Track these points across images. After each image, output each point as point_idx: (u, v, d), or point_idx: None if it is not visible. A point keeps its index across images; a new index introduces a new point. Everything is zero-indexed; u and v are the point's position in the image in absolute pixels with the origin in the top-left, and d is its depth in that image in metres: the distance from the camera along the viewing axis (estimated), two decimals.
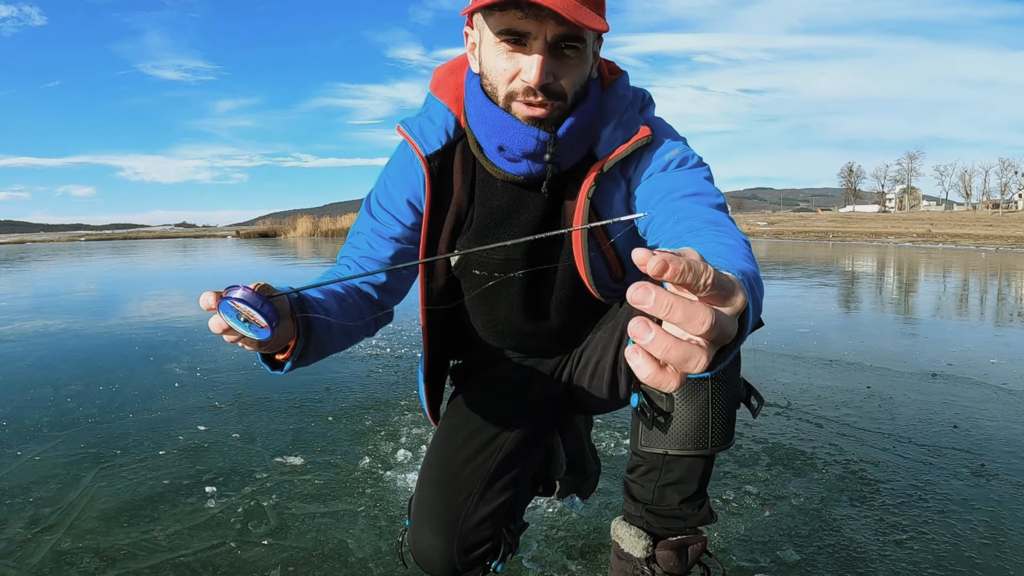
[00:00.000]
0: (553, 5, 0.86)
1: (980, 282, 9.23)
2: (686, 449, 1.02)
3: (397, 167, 1.15)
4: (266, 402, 2.92)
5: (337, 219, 41.52)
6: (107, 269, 13.41)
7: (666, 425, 1.02)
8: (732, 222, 0.88)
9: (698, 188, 0.98)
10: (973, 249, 20.45)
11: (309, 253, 18.69)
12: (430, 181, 1.08)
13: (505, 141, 1.00)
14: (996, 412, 2.70)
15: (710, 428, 1.01)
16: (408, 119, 1.12)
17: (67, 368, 3.69)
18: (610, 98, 1.06)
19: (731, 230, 0.84)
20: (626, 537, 1.12)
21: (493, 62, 0.96)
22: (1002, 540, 1.61)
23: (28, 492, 1.95)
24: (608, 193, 1.07)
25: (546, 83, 0.94)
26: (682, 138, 1.08)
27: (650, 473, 1.09)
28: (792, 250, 19.94)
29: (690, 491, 1.08)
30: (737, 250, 0.74)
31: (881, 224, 42.66)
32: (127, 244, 34.03)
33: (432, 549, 1.11)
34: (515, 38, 0.92)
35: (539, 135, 0.98)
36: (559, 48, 0.93)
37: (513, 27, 0.91)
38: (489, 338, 1.22)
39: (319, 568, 1.51)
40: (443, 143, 1.08)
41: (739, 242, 0.78)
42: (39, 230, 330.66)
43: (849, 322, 5.48)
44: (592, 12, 0.91)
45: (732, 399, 1.04)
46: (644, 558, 1.11)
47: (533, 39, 0.92)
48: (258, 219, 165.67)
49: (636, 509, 1.12)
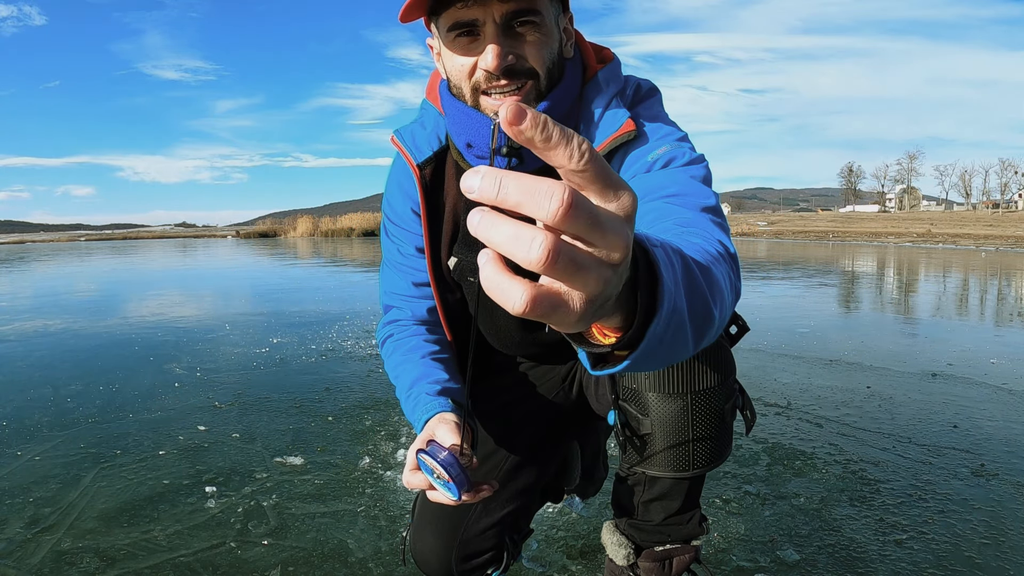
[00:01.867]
0: None
1: (980, 282, 9.23)
2: (665, 471, 0.96)
3: (395, 179, 1.14)
4: (266, 402, 2.92)
5: (337, 219, 41.50)
6: (107, 269, 13.41)
7: (646, 445, 0.96)
8: (715, 225, 0.73)
9: (680, 189, 0.83)
10: (973, 249, 20.45)
11: (309, 253, 18.68)
12: (422, 189, 1.05)
13: (470, 136, 0.96)
14: (996, 412, 2.69)
15: (691, 449, 0.94)
16: (402, 127, 1.11)
17: (67, 368, 3.69)
18: (591, 90, 1.00)
19: (703, 231, 0.69)
20: (609, 544, 1.10)
21: (452, 61, 0.93)
22: (1002, 540, 1.61)
23: (28, 492, 1.95)
24: None
25: (508, 65, 0.88)
26: (682, 132, 0.98)
27: (635, 488, 1.05)
28: (792, 250, 19.94)
29: (674, 508, 1.04)
30: (692, 245, 0.59)
31: (881, 224, 42.65)
32: (127, 244, 34.03)
33: (431, 552, 1.11)
34: (465, 30, 0.88)
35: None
36: (512, 28, 0.88)
37: (459, 19, 0.87)
38: (496, 346, 1.20)
39: (319, 568, 1.51)
40: (435, 149, 1.06)
41: (705, 240, 0.64)
42: (39, 230, 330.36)
43: (849, 322, 5.48)
44: None
45: (716, 416, 0.94)
46: (627, 566, 1.09)
47: (482, 25, 0.87)
48: (258, 219, 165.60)
49: (621, 520, 1.11)
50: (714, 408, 0.94)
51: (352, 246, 23.71)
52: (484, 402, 1.23)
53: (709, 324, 0.52)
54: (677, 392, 0.93)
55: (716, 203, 0.81)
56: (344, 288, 8.36)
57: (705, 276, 0.52)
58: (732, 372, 0.97)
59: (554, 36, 0.93)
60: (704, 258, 0.55)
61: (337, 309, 6.03)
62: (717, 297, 0.53)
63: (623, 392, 0.98)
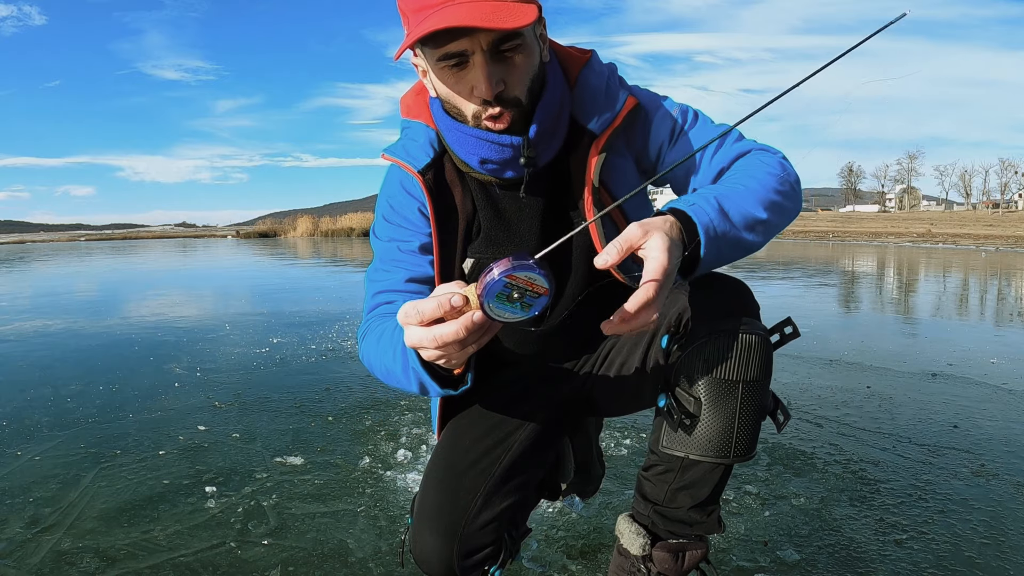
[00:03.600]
0: (472, 22, 0.84)
1: (980, 282, 9.23)
2: (707, 455, 1.00)
3: (394, 189, 1.12)
4: (266, 402, 2.92)
5: (337, 219, 41.54)
6: (107, 269, 13.41)
7: (691, 429, 1.01)
8: (739, 147, 1.04)
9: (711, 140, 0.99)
10: (973, 249, 20.46)
11: (309, 253, 18.69)
12: (429, 194, 1.06)
13: (484, 154, 1.01)
14: (996, 412, 2.69)
15: (734, 437, 0.99)
16: (390, 146, 1.12)
17: (67, 368, 3.69)
18: (589, 74, 1.06)
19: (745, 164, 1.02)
20: (626, 533, 1.12)
21: (446, 88, 0.97)
22: (1002, 540, 1.61)
23: (28, 492, 1.95)
24: (616, 168, 1.06)
25: (498, 91, 0.93)
26: (662, 96, 1.10)
27: (666, 474, 1.08)
28: (792, 250, 19.96)
29: (702, 496, 1.07)
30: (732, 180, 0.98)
31: (881, 224, 42.67)
32: (127, 244, 34.04)
33: (432, 551, 1.11)
34: (456, 60, 0.92)
35: (512, 141, 0.98)
36: (500, 53, 0.92)
37: (448, 51, 0.91)
38: (509, 344, 1.20)
39: (319, 568, 1.51)
40: (431, 156, 1.07)
41: (745, 168, 1.00)
42: (39, 230, 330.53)
43: (849, 322, 5.48)
44: (512, 6, 0.88)
45: (759, 411, 1.02)
46: (641, 556, 1.11)
47: (472, 54, 0.91)
48: (258, 219, 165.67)
49: (645, 508, 1.12)
50: (759, 401, 1.00)
51: (352, 246, 23.73)
52: (483, 398, 1.23)
53: (760, 221, 0.93)
54: (730, 380, 0.98)
55: (727, 125, 1.05)
56: (344, 288, 8.37)
57: (741, 197, 0.92)
58: (771, 374, 1.03)
59: (535, 49, 0.97)
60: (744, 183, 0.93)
61: (337, 309, 6.03)
62: (757, 203, 0.93)
63: (674, 376, 1.01)
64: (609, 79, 1.07)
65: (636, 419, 2.48)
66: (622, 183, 1.07)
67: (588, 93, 1.05)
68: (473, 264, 1.10)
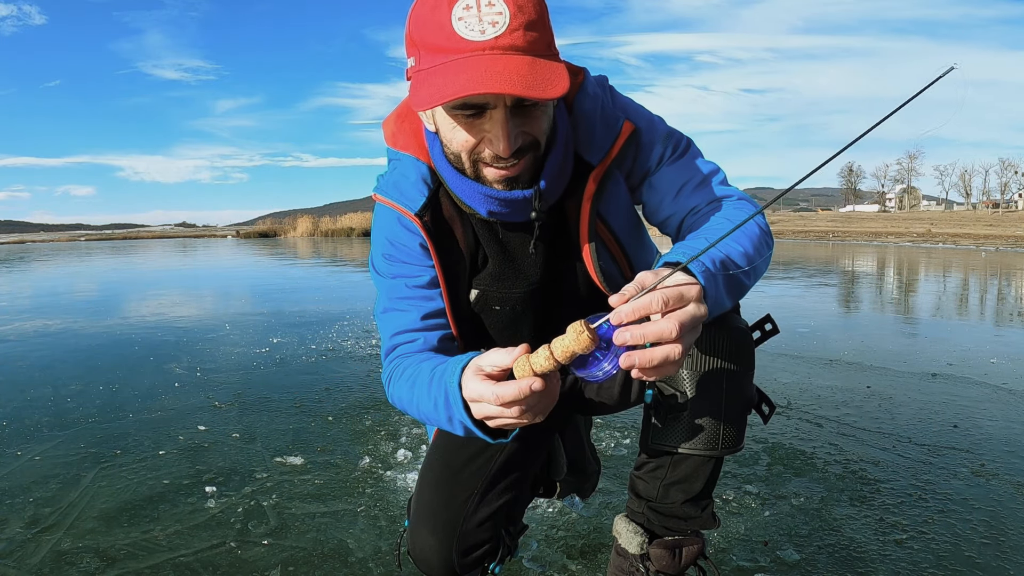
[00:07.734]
0: (511, 89, 0.78)
1: (980, 282, 9.23)
2: (695, 449, 1.03)
3: (392, 227, 1.07)
4: (266, 402, 2.92)
5: (337, 219, 41.53)
6: (107, 269, 13.41)
7: (677, 423, 1.02)
8: (723, 190, 1.03)
9: (694, 176, 1.04)
10: (973, 249, 20.46)
11: (309, 253, 18.69)
12: (428, 236, 1.02)
13: (491, 207, 0.98)
14: (996, 412, 2.69)
15: (721, 430, 1.01)
16: (380, 184, 1.08)
17: (67, 368, 3.69)
18: (584, 99, 1.02)
19: (724, 205, 0.99)
20: (624, 532, 1.13)
21: (451, 133, 0.90)
22: (1002, 540, 1.61)
23: (28, 492, 1.95)
24: (611, 195, 1.05)
25: (516, 147, 0.88)
26: (657, 118, 1.08)
27: (657, 471, 1.09)
28: (792, 250, 19.94)
29: (694, 491, 1.08)
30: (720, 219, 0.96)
31: (881, 224, 42.68)
32: (127, 244, 34.05)
33: (430, 550, 1.11)
34: (474, 111, 0.85)
35: (523, 195, 0.95)
36: (523, 106, 0.86)
37: (468, 102, 0.84)
38: (502, 346, 1.21)
39: (319, 568, 1.51)
40: (426, 195, 1.03)
41: (725, 211, 0.97)
42: (39, 230, 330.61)
43: (849, 322, 5.48)
44: (547, 66, 0.82)
45: (745, 403, 1.04)
46: (639, 555, 1.11)
47: (492, 108, 0.85)
48: (258, 219, 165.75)
49: (639, 506, 1.13)
50: (743, 393, 1.03)
51: (352, 246, 23.73)
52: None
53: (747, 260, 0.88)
54: (714, 374, 1.01)
55: (715, 166, 1.06)
56: (344, 288, 8.37)
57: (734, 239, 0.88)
58: (754, 368, 1.06)
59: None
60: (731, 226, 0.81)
61: (337, 309, 6.03)
62: (744, 244, 0.90)
63: None
64: (603, 102, 1.03)
65: (636, 419, 2.49)
66: (616, 208, 1.06)
67: (585, 122, 1.02)
68: (478, 295, 1.09)
